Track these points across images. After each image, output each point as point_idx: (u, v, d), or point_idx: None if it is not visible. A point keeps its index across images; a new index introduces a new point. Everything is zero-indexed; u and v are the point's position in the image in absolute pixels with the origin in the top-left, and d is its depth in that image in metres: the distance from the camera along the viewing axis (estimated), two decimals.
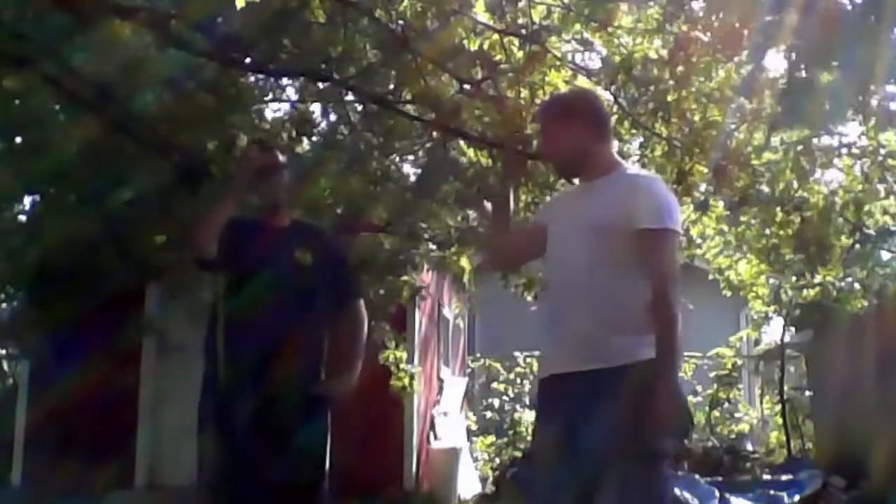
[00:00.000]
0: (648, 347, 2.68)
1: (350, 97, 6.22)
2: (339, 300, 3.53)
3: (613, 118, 5.38)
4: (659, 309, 2.68)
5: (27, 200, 6.96)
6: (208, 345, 3.29)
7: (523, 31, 5.55)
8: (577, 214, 2.97)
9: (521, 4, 5.70)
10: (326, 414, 3.37)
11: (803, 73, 4.42)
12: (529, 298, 7.09)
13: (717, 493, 8.00)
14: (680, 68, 5.44)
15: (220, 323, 3.27)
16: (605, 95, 5.53)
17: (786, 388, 11.24)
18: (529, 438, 5.21)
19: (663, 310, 2.68)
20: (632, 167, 3.06)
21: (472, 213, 7.10)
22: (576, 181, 3.18)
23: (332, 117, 6.64)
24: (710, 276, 10.47)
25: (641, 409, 2.59)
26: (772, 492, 8.18)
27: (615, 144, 4.46)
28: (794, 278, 9.85)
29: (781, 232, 7.23)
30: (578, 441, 2.71)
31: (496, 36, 5.55)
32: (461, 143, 6.20)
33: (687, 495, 7.82)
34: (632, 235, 2.74)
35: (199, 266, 3.56)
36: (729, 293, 10.43)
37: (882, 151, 7.85)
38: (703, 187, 6.62)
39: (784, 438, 10.91)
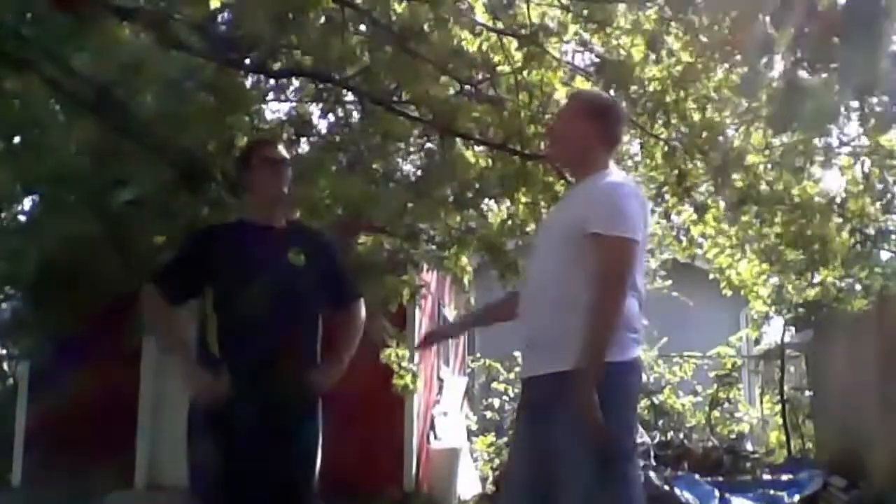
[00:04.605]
0: (612, 348, 2.69)
1: (350, 97, 6.23)
2: (340, 301, 3.51)
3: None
4: (590, 317, 2.66)
5: (27, 200, 6.97)
6: (201, 356, 3.25)
7: (522, 32, 5.55)
8: (549, 221, 3.16)
9: (518, 5, 5.70)
10: (318, 413, 3.37)
11: (801, 75, 4.42)
12: None
13: (717, 493, 8.02)
14: (678, 69, 5.45)
15: (210, 333, 3.24)
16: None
17: (786, 388, 11.24)
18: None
19: (593, 319, 2.66)
20: (615, 173, 3.01)
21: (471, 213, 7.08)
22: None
23: (332, 118, 6.64)
24: (711, 276, 10.45)
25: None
26: (772, 492, 8.19)
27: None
28: (794, 278, 9.83)
29: (779, 230, 7.21)
30: (541, 444, 2.76)
31: (495, 37, 5.56)
32: (460, 143, 6.19)
33: (687, 495, 7.84)
34: (586, 239, 2.76)
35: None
36: (729, 293, 10.40)
37: (882, 151, 7.84)
38: (702, 188, 6.63)
39: (784, 438, 10.91)
